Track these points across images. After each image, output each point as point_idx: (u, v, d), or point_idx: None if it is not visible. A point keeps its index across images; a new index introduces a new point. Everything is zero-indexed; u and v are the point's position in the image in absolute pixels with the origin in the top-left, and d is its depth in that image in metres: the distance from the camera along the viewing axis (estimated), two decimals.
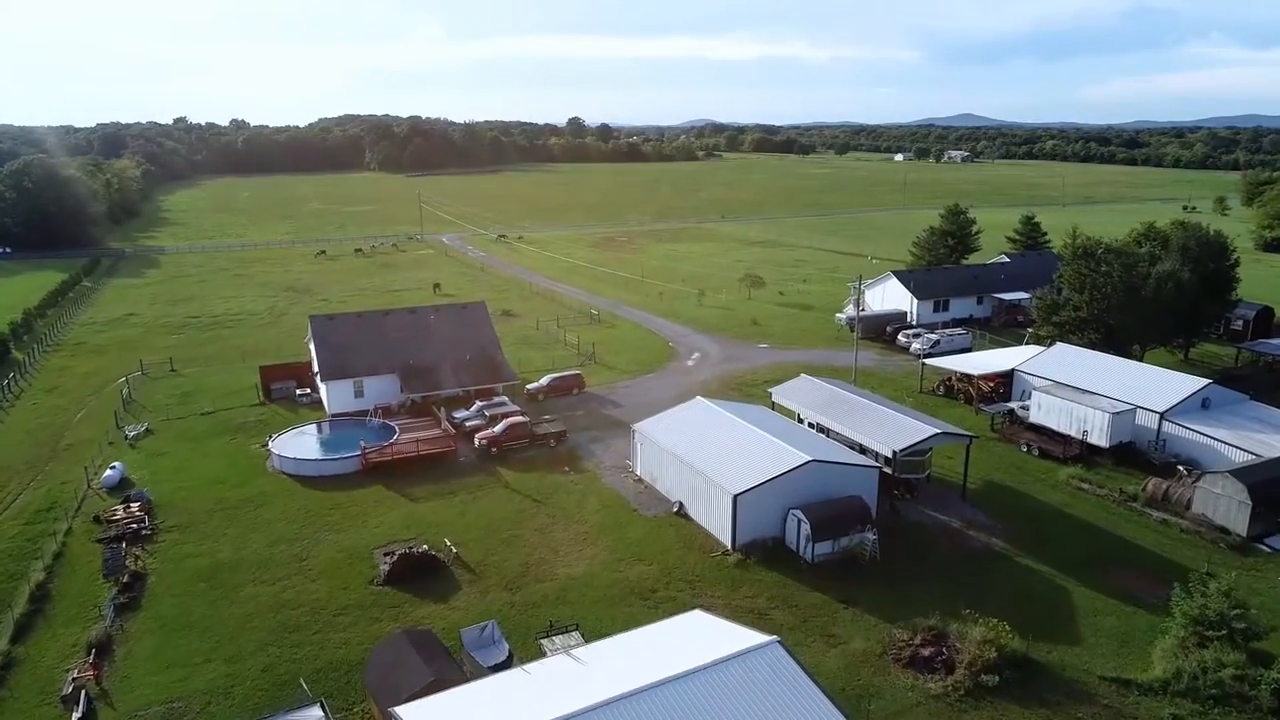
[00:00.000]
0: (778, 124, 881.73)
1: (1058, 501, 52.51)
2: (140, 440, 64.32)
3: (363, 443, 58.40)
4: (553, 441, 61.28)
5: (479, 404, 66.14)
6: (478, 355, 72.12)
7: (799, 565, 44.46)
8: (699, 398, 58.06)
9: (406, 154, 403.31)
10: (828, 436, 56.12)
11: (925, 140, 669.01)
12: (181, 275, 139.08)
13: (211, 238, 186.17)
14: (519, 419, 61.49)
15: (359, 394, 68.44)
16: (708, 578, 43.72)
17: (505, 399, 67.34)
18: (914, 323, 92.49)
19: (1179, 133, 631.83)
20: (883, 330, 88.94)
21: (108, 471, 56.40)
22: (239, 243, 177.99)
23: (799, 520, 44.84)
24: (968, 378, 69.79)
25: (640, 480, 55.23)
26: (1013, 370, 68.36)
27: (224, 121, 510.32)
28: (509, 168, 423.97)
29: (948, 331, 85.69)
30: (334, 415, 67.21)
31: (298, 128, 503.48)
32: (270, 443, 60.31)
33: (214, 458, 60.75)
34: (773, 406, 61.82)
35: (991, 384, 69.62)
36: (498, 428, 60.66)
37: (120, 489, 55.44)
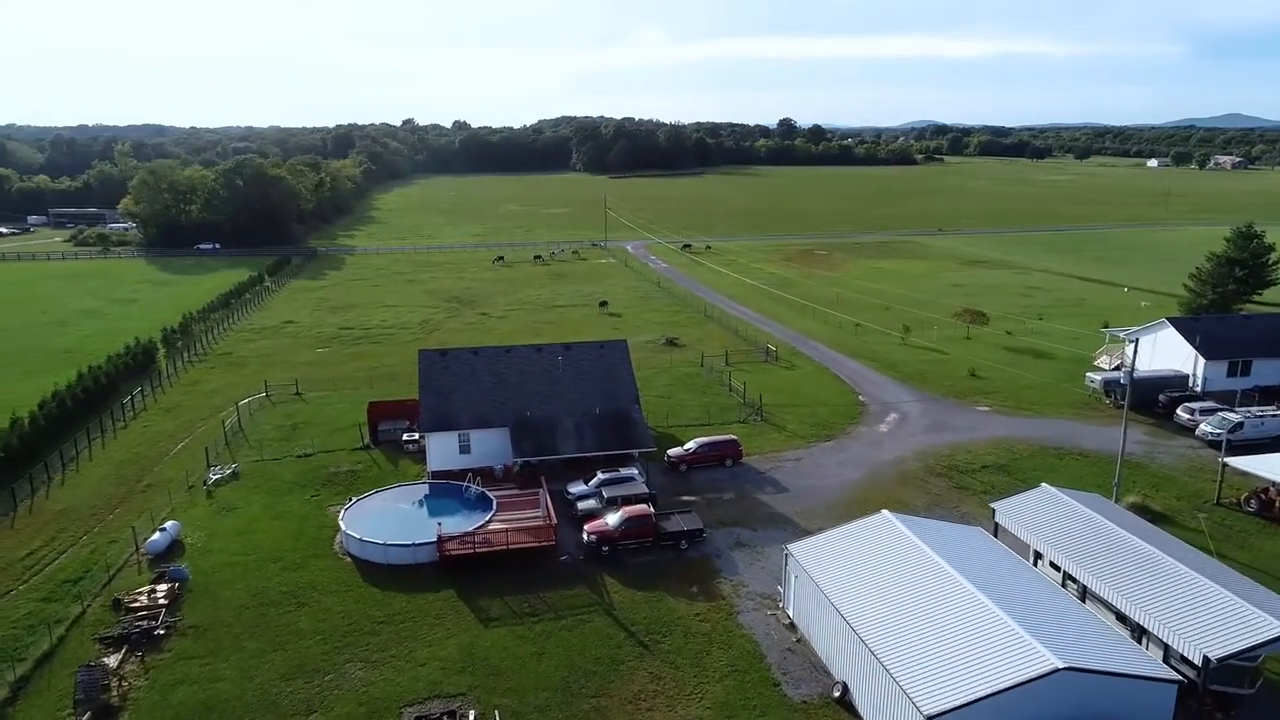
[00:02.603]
0: (1008, 125, 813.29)
1: None
2: (221, 486, 56.00)
3: (440, 527, 46.08)
4: (684, 543, 46.34)
5: (600, 475, 52.35)
6: (609, 410, 58.30)
7: None
8: (885, 512, 40.76)
9: (611, 155, 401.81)
10: (1083, 595, 37.30)
11: (1185, 143, 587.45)
12: (358, 278, 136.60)
13: (402, 238, 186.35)
14: (641, 509, 46.88)
15: (464, 449, 56.69)
16: None
17: (634, 471, 53.09)
18: (1200, 390, 68.75)
19: None
20: (1154, 400, 65.97)
21: (155, 535, 47.67)
22: (425, 244, 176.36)
23: None
24: None
25: (791, 626, 39.09)
26: None
27: (448, 123, 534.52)
28: (711, 170, 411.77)
29: (1257, 410, 61.52)
30: (433, 474, 55.86)
31: (512, 129, 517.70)
32: (342, 514, 49.48)
33: (284, 520, 50.94)
34: (995, 530, 43.36)
35: None
36: (612, 520, 46.42)
37: (166, 556, 46.66)
